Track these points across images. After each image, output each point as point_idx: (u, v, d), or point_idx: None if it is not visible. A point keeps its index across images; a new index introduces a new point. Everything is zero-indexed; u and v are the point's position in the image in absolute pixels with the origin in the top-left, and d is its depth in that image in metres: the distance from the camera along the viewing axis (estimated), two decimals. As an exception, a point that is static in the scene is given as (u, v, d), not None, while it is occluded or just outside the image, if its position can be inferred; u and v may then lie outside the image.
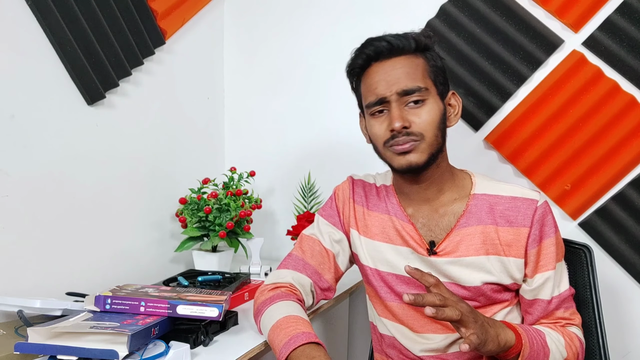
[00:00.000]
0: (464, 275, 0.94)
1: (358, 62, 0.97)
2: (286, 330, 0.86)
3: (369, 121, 0.98)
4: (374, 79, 0.94)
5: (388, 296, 1.01)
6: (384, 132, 0.94)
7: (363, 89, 0.98)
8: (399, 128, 0.90)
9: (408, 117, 0.91)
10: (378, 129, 0.95)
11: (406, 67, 0.93)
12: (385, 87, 0.92)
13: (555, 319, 0.95)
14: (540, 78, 1.36)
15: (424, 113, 0.92)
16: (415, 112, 0.92)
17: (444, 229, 0.97)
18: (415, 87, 0.91)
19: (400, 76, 0.92)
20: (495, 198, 0.96)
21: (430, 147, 0.93)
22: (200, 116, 1.68)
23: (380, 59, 0.94)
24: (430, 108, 0.92)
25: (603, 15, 1.30)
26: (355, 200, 1.07)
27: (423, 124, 0.91)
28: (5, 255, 1.06)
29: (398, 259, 0.99)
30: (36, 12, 1.11)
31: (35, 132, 1.12)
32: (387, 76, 0.93)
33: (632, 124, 1.28)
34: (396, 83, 0.92)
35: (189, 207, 1.40)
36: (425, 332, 0.98)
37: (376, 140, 0.96)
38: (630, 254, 1.30)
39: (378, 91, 0.93)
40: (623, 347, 1.32)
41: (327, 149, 1.64)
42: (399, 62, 0.93)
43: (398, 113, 0.91)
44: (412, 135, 0.91)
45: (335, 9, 1.61)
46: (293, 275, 1.02)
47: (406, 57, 0.94)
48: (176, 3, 1.49)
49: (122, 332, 0.78)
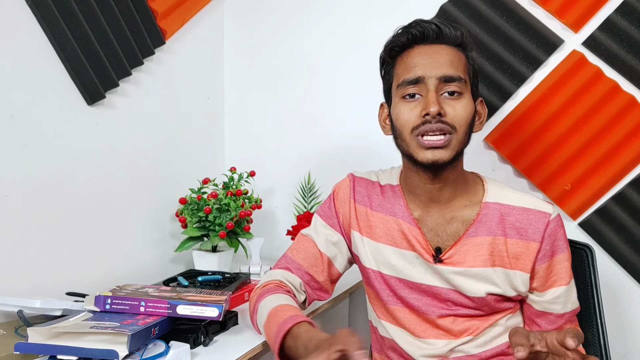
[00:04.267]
0: (468, 285, 0.92)
1: (401, 40, 0.91)
2: (275, 320, 0.84)
3: (397, 105, 0.91)
4: (415, 60, 0.89)
5: (390, 299, 0.99)
6: (415, 118, 0.88)
7: (399, 68, 0.92)
8: (434, 113, 0.85)
9: (444, 107, 0.86)
10: (408, 115, 0.89)
11: (450, 56, 0.89)
12: (426, 69, 0.88)
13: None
14: (540, 78, 1.36)
15: (460, 106, 0.87)
16: (451, 103, 0.87)
17: (452, 235, 0.94)
18: (457, 75, 0.87)
19: (444, 62, 0.88)
20: (507, 208, 0.92)
21: (459, 144, 0.88)
22: (200, 116, 1.67)
23: (425, 42, 0.90)
24: (465, 103, 0.88)
25: (603, 15, 1.31)
26: (357, 200, 1.03)
27: (458, 117, 0.87)
28: (5, 255, 1.06)
29: (402, 262, 0.96)
30: (36, 12, 1.11)
31: (35, 132, 1.12)
32: (430, 59, 0.88)
33: (632, 124, 1.28)
34: (439, 67, 0.87)
35: (189, 207, 1.40)
36: (427, 337, 0.96)
37: (403, 125, 0.90)
38: (630, 254, 1.30)
39: (417, 70, 0.88)
40: (623, 347, 1.32)
41: (327, 148, 1.64)
42: (444, 49, 0.89)
43: (435, 97, 0.86)
44: (445, 124, 0.86)
45: (335, 9, 1.61)
46: (283, 275, 1.00)
47: (451, 48, 0.90)
48: (176, 3, 1.49)
49: (122, 332, 0.78)
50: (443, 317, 0.95)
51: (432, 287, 0.94)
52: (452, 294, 0.94)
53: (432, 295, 0.95)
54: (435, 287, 0.94)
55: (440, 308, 0.95)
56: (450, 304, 0.94)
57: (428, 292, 0.95)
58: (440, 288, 0.94)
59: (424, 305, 0.96)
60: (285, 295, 0.94)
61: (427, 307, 0.96)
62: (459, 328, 0.94)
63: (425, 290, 0.95)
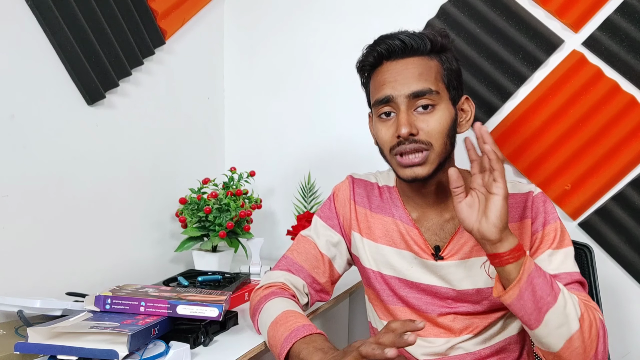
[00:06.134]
0: (467, 277, 0.93)
1: (369, 60, 0.93)
2: (286, 325, 0.85)
3: (375, 124, 0.94)
4: (384, 78, 0.90)
5: (390, 299, 1.00)
6: (390, 138, 0.90)
7: (372, 87, 0.94)
8: (406, 135, 0.86)
9: (416, 124, 0.87)
10: (384, 134, 0.91)
11: (419, 68, 0.88)
12: (394, 87, 0.88)
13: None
14: (540, 78, 1.36)
15: (433, 120, 0.88)
16: (424, 118, 0.88)
17: (449, 232, 0.96)
18: (426, 89, 0.87)
19: (411, 77, 0.88)
20: None
21: (438, 157, 0.89)
22: (200, 116, 1.68)
23: (392, 58, 0.90)
24: (440, 115, 0.88)
25: (603, 15, 1.30)
26: (357, 202, 1.04)
27: (432, 132, 0.87)
28: (5, 255, 1.06)
29: (401, 262, 0.97)
30: (36, 12, 1.11)
31: (35, 132, 1.12)
32: (397, 76, 0.89)
33: (632, 124, 1.28)
34: (406, 84, 0.88)
35: (189, 207, 1.40)
36: (427, 335, 0.97)
37: (382, 145, 0.93)
38: (630, 254, 1.30)
39: (386, 90, 0.89)
40: (623, 347, 1.32)
41: (327, 149, 1.64)
42: (412, 63, 0.89)
43: (405, 118, 0.87)
44: (419, 142, 0.87)
45: (335, 9, 1.61)
46: (286, 277, 1.00)
47: (420, 58, 0.90)
48: (176, 3, 1.49)
49: (122, 332, 0.78)
50: (443, 315, 0.96)
51: (430, 287, 0.95)
52: (450, 292, 0.94)
53: (431, 294, 0.96)
54: (435, 286, 0.95)
55: (440, 306, 0.96)
56: (450, 301, 0.95)
57: (427, 291, 0.96)
58: (439, 287, 0.95)
59: (423, 304, 0.96)
60: (291, 300, 0.95)
61: (427, 305, 0.96)
62: (459, 326, 0.95)
63: (425, 289, 0.96)
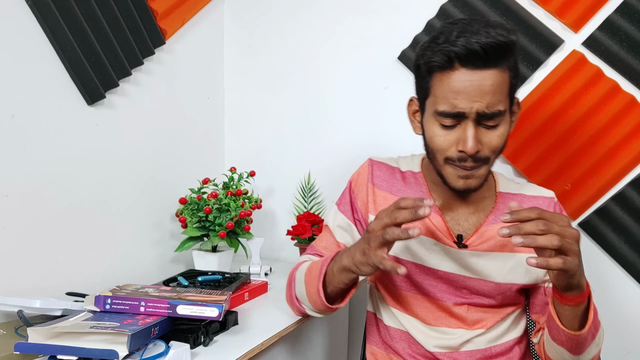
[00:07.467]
0: (490, 269, 0.94)
1: (437, 60, 0.83)
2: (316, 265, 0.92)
3: (431, 125, 0.89)
4: (457, 88, 0.82)
5: (404, 285, 0.99)
6: (449, 147, 0.87)
7: (437, 89, 0.86)
8: (472, 153, 0.84)
9: (481, 139, 0.85)
10: (442, 141, 0.87)
11: (494, 85, 0.82)
12: (468, 102, 0.82)
13: None
14: (540, 78, 1.36)
15: (496, 137, 0.86)
16: (488, 134, 0.85)
17: (473, 224, 0.97)
18: (497, 111, 0.83)
19: (487, 94, 0.82)
20: (519, 197, 0.99)
21: (489, 168, 0.90)
22: (200, 116, 1.68)
23: (469, 66, 0.82)
24: (502, 131, 0.86)
25: (603, 15, 1.31)
26: (375, 184, 1.02)
27: (493, 147, 0.86)
28: (5, 255, 1.06)
29: (420, 248, 0.97)
30: (36, 12, 1.11)
31: (35, 132, 1.12)
32: (473, 91, 0.82)
33: (632, 124, 1.28)
34: (480, 100, 0.82)
35: (189, 207, 1.40)
36: (439, 325, 0.97)
37: (436, 150, 0.89)
38: (630, 254, 1.30)
39: (458, 103, 0.83)
40: (623, 347, 1.32)
41: (327, 149, 1.64)
42: (489, 78, 0.82)
43: (474, 135, 0.83)
44: (479, 160, 0.87)
45: (335, 9, 1.61)
46: (311, 258, 1.04)
47: (496, 71, 0.82)
48: (176, 3, 1.49)
49: (122, 332, 0.78)
50: (458, 305, 0.96)
51: (448, 274, 0.96)
52: (468, 281, 0.95)
53: (448, 282, 0.96)
54: (453, 274, 0.95)
55: (455, 296, 0.96)
56: (466, 292, 0.96)
57: (444, 279, 0.96)
58: (457, 275, 0.95)
59: (439, 291, 0.97)
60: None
61: (443, 294, 0.97)
62: (473, 318, 0.96)
63: (442, 277, 0.96)
